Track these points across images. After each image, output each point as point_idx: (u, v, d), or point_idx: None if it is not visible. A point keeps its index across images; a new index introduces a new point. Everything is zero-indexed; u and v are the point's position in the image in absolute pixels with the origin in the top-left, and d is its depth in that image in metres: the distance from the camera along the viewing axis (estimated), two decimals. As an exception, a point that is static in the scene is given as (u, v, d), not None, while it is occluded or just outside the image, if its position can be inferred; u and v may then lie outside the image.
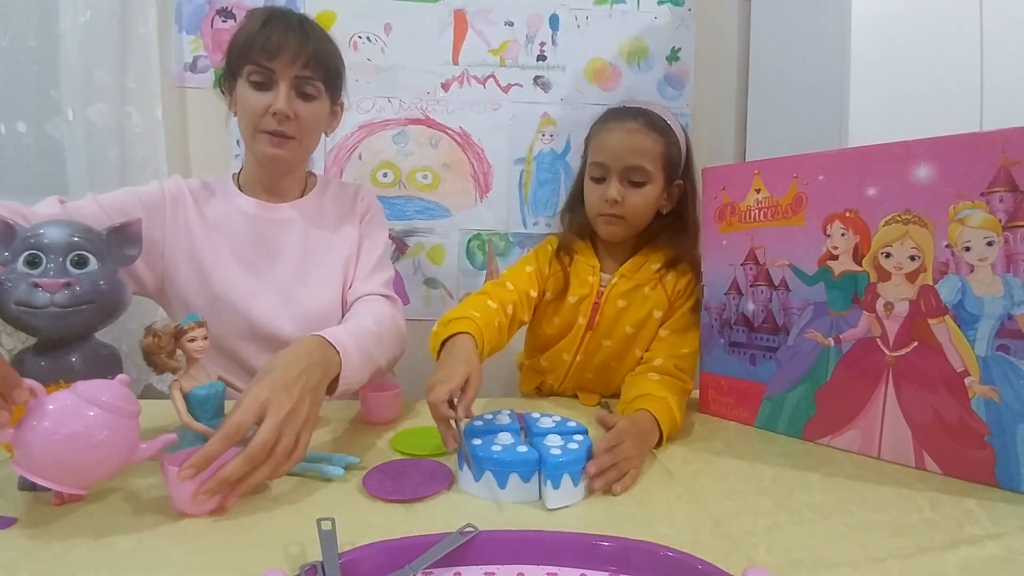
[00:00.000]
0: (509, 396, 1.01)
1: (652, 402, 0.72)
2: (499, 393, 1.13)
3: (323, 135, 0.98)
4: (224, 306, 0.90)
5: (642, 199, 0.86)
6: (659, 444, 0.69)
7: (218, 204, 0.95)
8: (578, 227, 0.94)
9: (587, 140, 0.91)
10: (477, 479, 0.57)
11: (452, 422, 0.60)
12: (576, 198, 0.94)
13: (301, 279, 0.94)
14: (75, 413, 0.49)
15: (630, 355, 0.89)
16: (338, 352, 0.68)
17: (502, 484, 0.55)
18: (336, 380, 0.68)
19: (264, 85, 0.87)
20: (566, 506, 0.55)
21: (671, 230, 0.90)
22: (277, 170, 0.95)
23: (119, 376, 0.54)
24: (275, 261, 0.94)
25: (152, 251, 0.89)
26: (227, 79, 0.92)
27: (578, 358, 0.91)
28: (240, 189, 0.97)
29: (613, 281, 0.89)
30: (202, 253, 0.91)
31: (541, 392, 1.00)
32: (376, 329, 0.81)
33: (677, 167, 0.88)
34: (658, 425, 0.69)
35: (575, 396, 0.94)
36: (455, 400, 0.61)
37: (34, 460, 0.48)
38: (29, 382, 0.49)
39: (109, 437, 0.50)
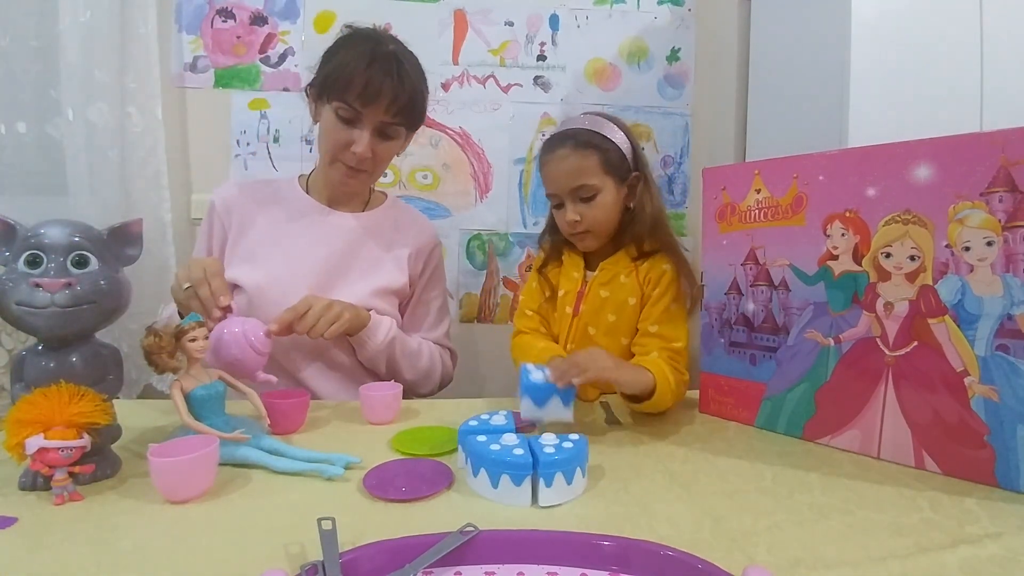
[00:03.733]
0: (510, 396, 1.01)
1: (645, 362, 0.80)
2: (500, 393, 1.13)
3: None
4: (265, 297, 0.93)
5: (599, 210, 0.90)
6: (653, 395, 0.76)
7: (282, 205, 1.02)
8: (560, 243, 1.01)
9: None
10: (475, 475, 0.57)
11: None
12: (552, 223, 1.01)
13: (334, 283, 0.98)
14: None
15: (617, 344, 0.91)
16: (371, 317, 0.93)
17: (495, 483, 0.55)
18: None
19: (350, 121, 0.92)
20: (559, 504, 0.55)
21: (637, 220, 0.94)
22: (346, 192, 1.03)
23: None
24: (318, 260, 0.99)
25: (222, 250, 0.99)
26: (315, 92, 0.96)
27: (569, 346, 0.95)
28: (307, 190, 1.05)
29: (595, 274, 0.95)
30: (256, 250, 0.97)
31: None
32: (416, 350, 1.00)
33: (623, 166, 0.92)
34: (649, 372, 0.76)
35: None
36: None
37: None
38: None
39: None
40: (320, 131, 0.97)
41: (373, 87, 0.89)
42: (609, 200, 0.91)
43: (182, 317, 0.82)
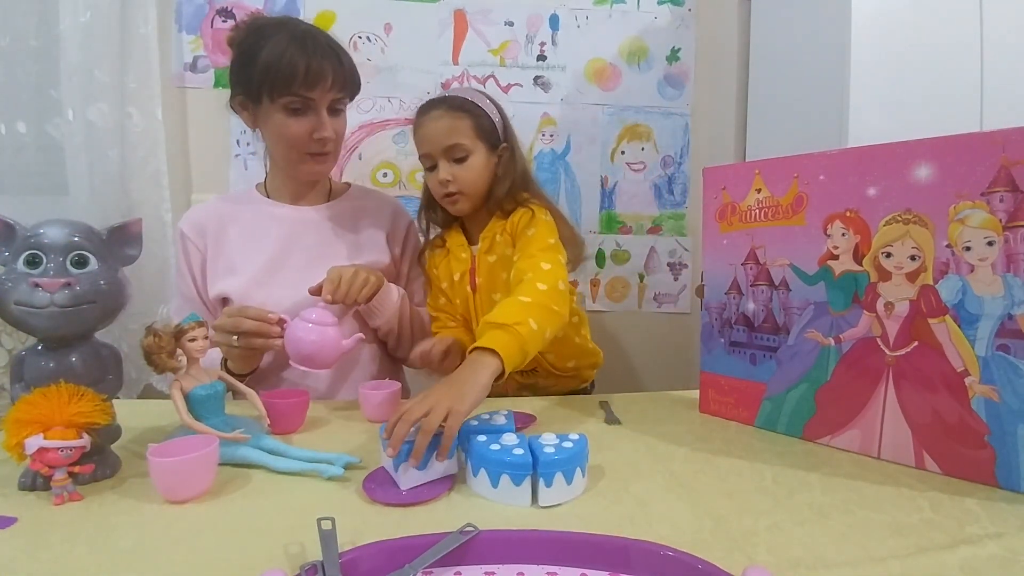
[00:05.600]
0: (509, 396, 1.01)
1: (488, 334, 0.69)
2: (498, 392, 1.12)
3: None
4: (252, 300, 0.92)
5: (469, 171, 0.94)
6: (504, 371, 0.66)
7: (249, 213, 1.02)
8: (441, 219, 1.04)
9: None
10: (475, 474, 0.57)
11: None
12: (426, 197, 1.04)
13: (317, 272, 0.95)
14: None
15: None
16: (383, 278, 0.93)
17: (495, 483, 0.55)
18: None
19: (301, 111, 0.91)
20: (559, 504, 0.55)
21: (499, 184, 0.97)
22: (315, 180, 1.04)
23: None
24: (297, 254, 0.99)
25: (199, 281, 0.99)
26: (246, 97, 0.93)
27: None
28: (268, 195, 1.04)
29: (479, 245, 0.98)
30: (234, 260, 0.97)
31: None
32: (418, 312, 1.03)
33: (494, 134, 0.97)
34: (493, 352, 0.66)
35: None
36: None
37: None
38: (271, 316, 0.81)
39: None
40: (271, 134, 0.95)
41: (315, 69, 0.88)
42: (479, 163, 0.95)
43: (231, 373, 0.86)
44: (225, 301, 0.96)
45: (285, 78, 0.87)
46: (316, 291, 0.85)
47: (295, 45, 0.88)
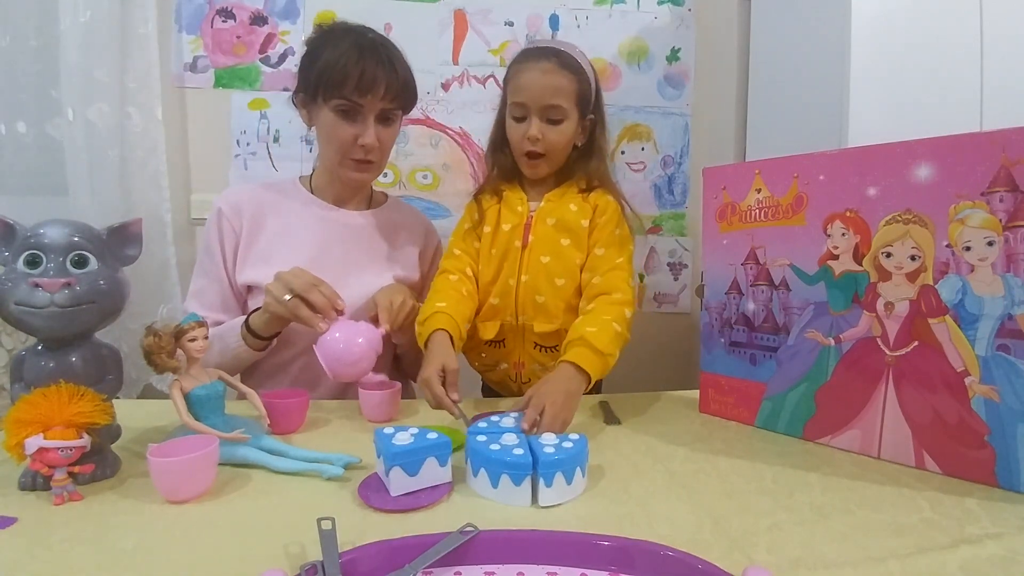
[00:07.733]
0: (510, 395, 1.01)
1: (573, 350, 0.76)
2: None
3: None
4: None
5: (560, 136, 0.91)
6: (591, 384, 0.76)
7: (290, 206, 1.02)
8: (504, 169, 0.99)
9: (506, 81, 0.96)
10: (475, 474, 0.57)
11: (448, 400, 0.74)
12: (499, 138, 0.99)
13: (349, 278, 0.97)
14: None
15: (570, 264, 0.92)
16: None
17: (495, 483, 0.55)
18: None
19: (350, 115, 0.93)
20: (559, 504, 0.55)
21: (584, 159, 0.97)
22: (358, 187, 1.05)
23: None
24: (332, 256, 0.99)
25: (229, 263, 0.98)
26: (305, 94, 0.96)
27: (523, 278, 0.93)
28: (311, 190, 1.05)
29: (541, 205, 0.95)
30: (270, 251, 0.97)
31: (495, 346, 0.98)
32: None
33: (588, 102, 0.94)
34: (581, 369, 0.75)
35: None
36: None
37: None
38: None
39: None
40: (321, 133, 0.97)
41: (368, 76, 0.90)
42: (570, 130, 0.92)
43: (251, 330, 0.88)
44: (251, 290, 0.97)
45: (339, 81, 0.90)
46: (375, 320, 0.86)
47: (354, 51, 0.90)
